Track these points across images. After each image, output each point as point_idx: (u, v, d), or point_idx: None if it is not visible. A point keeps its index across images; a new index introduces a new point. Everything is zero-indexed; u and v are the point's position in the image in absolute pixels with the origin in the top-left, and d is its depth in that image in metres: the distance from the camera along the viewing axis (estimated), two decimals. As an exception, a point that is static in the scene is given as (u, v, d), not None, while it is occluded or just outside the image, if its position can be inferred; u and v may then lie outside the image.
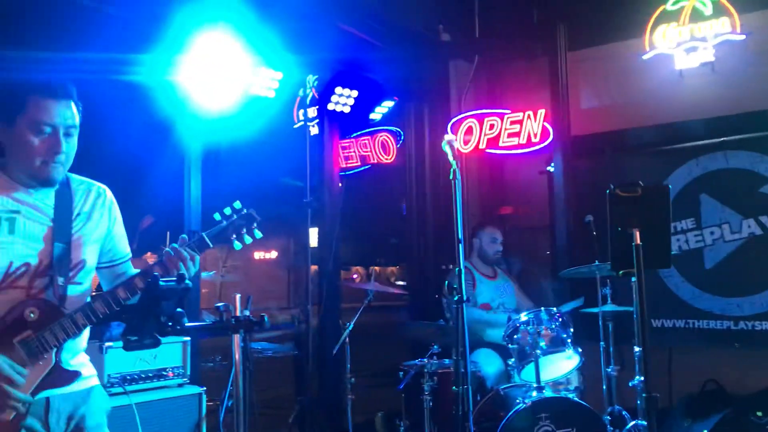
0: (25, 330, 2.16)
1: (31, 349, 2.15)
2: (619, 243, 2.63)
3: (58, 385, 2.23)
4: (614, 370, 4.85)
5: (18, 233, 2.21)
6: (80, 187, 2.40)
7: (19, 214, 2.23)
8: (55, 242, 2.24)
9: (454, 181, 3.36)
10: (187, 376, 4.05)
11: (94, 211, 2.40)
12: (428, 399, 4.48)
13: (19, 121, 2.17)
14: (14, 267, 2.19)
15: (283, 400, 6.49)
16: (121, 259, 2.51)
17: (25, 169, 2.23)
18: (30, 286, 2.21)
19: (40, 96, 2.18)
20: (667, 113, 5.94)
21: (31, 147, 2.18)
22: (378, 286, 5.25)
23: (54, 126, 2.19)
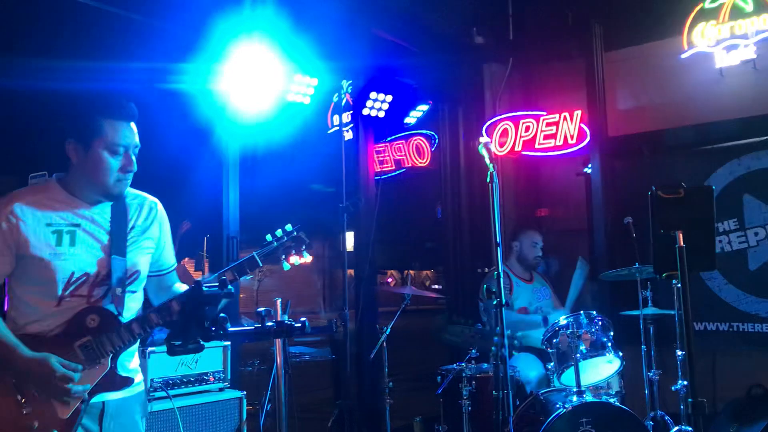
0: (86, 336, 2.29)
1: (89, 354, 2.28)
2: (661, 245, 2.59)
3: (111, 389, 2.36)
4: (656, 374, 4.77)
5: (79, 245, 2.34)
6: (134, 201, 2.53)
7: (79, 227, 2.36)
8: (112, 253, 2.38)
9: (491, 185, 3.33)
10: (228, 381, 4.10)
11: (147, 223, 2.53)
12: (467, 403, 4.46)
13: (96, 143, 2.32)
14: (75, 277, 2.31)
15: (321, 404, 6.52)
16: (168, 269, 2.64)
17: (97, 187, 2.37)
18: (90, 294, 2.34)
19: (115, 120, 2.34)
20: (707, 112, 5.84)
21: (108, 166, 2.33)
22: (414, 290, 5.24)
23: (126, 146, 2.36)
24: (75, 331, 2.29)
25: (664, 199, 2.54)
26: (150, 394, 3.71)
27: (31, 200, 2.33)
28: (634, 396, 4.90)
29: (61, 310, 2.29)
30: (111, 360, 2.33)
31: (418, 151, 7.62)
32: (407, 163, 7.77)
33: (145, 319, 2.34)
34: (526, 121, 6.46)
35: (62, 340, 2.27)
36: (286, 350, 4.16)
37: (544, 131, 6.36)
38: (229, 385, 4.12)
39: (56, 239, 2.30)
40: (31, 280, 2.30)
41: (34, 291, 2.30)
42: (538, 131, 6.38)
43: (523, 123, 6.47)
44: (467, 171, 7.15)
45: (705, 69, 5.77)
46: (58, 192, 2.38)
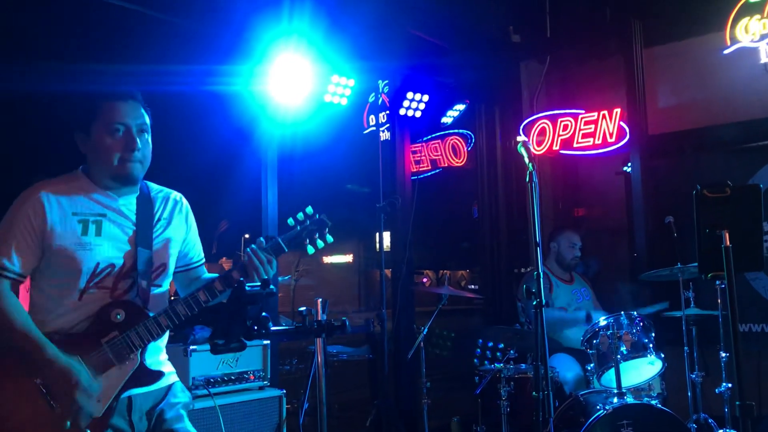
0: (112, 331, 2.26)
1: (117, 350, 2.25)
2: (706, 245, 2.54)
3: (142, 385, 2.33)
4: (699, 376, 4.68)
5: (105, 236, 2.31)
6: (159, 195, 2.51)
7: (105, 217, 2.33)
8: (138, 246, 2.34)
9: (530, 184, 3.30)
10: (268, 379, 4.14)
11: (173, 217, 2.51)
12: (505, 404, 4.43)
13: (95, 126, 2.31)
14: (100, 268, 2.29)
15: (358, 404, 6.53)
16: (196, 263, 2.63)
17: (106, 171, 2.33)
18: (114, 287, 2.31)
19: (110, 100, 2.32)
20: (751, 109, 5.71)
21: (109, 147, 2.30)
22: (452, 290, 5.23)
23: (126, 125, 2.31)
24: (101, 327, 2.26)
25: (709, 198, 2.50)
26: (192, 392, 3.77)
27: (57, 189, 2.31)
28: (676, 398, 4.81)
29: (84, 303, 2.27)
30: (140, 354, 2.30)
31: (455, 150, 7.59)
32: (443, 163, 7.75)
33: (172, 310, 2.31)
34: (564, 119, 6.39)
35: (88, 336, 2.24)
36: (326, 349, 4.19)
37: (582, 130, 6.29)
38: (269, 384, 4.16)
39: (82, 228, 2.27)
40: (55, 272, 2.27)
41: (57, 283, 2.27)
42: (577, 130, 6.31)
43: (561, 122, 6.41)
44: (504, 170, 7.12)
45: (749, 65, 5.65)
46: (84, 182, 2.37)
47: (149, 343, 2.31)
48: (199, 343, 3.84)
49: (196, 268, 2.62)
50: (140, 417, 2.33)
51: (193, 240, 2.60)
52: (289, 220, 2.47)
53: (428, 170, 7.87)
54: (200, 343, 3.84)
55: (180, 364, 3.81)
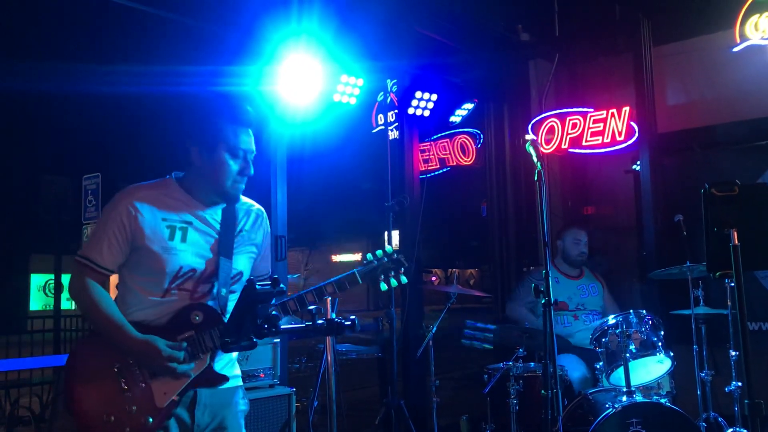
0: (189, 330, 2.40)
1: (191, 348, 2.38)
2: (715, 244, 2.54)
3: (207, 386, 2.46)
4: (708, 374, 4.67)
5: (189, 242, 2.46)
6: (242, 207, 2.65)
7: (191, 225, 2.49)
8: (219, 254, 2.49)
9: (539, 183, 3.30)
10: (278, 377, 4.17)
11: (253, 229, 2.65)
12: (514, 402, 4.44)
13: (220, 147, 2.46)
14: (183, 271, 2.43)
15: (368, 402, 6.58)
16: (264, 275, 2.75)
17: (214, 187, 2.50)
18: (194, 290, 2.45)
19: (238, 126, 2.49)
20: (761, 107, 5.69)
21: (229, 169, 2.47)
22: (460, 288, 5.24)
23: (246, 151, 2.51)
24: (179, 325, 2.40)
25: (717, 197, 2.50)
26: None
27: (150, 194, 2.47)
28: (685, 397, 4.81)
29: (165, 301, 2.41)
30: (210, 357, 2.42)
31: (463, 149, 7.60)
32: (452, 162, 7.76)
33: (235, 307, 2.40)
34: (573, 118, 6.39)
35: (166, 331, 2.39)
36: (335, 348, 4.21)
37: (591, 128, 6.28)
38: (279, 382, 4.19)
39: (169, 234, 2.43)
40: (141, 271, 2.43)
41: (142, 281, 2.43)
42: (586, 128, 6.30)
43: (569, 120, 6.40)
44: (513, 169, 7.12)
45: (758, 62, 5.63)
46: (175, 190, 2.52)
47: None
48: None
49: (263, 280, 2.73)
50: (203, 411, 2.45)
51: (265, 253, 2.75)
52: (368, 255, 2.60)
53: (437, 169, 7.88)
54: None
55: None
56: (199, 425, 2.43)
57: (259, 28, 4.43)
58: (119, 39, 4.19)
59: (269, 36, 4.46)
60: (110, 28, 4.17)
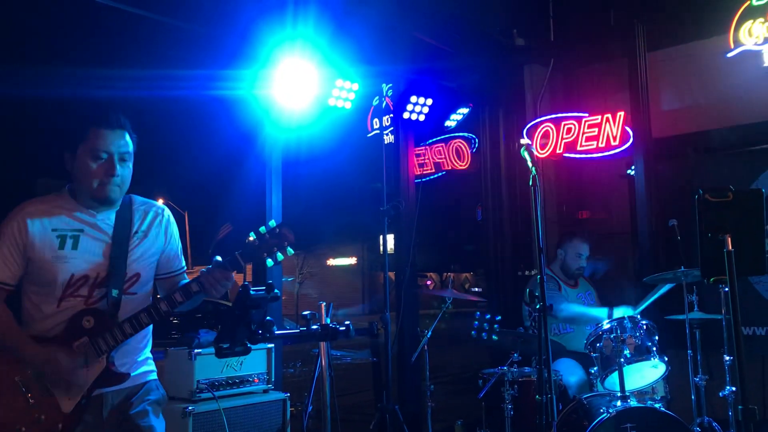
0: (83, 336, 2.46)
1: (86, 353, 2.44)
2: (709, 249, 2.55)
3: (109, 386, 2.51)
4: (702, 379, 4.67)
5: (81, 249, 2.50)
6: (140, 208, 2.68)
7: (83, 232, 2.52)
8: (112, 257, 2.53)
9: (533, 188, 3.31)
10: (272, 382, 4.16)
11: (151, 228, 2.66)
12: (509, 407, 4.44)
13: (81, 149, 2.49)
14: (75, 278, 2.48)
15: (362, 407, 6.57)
16: (176, 271, 2.77)
17: (86, 191, 2.52)
18: (89, 295, 2.50)
19: (97, 127, 2.48)
20: (755, 113, 5.71)
21: (90, 171, 2.48)
22: (455, 292, 5.24)
23: (109, 152, 2.49)
24: (73, 333, 2.45)
25: (711, 203, 2.50)
26: (196, 395, 3.79)
27: (39, 208, 2.52)
28: (679, 402, 4.81)
29: (61, 310, 2.47)
30: (106, 358, 2.47)
31: (458, 153, 7.60)
32: (447, 166, 7.76)
33: (135, 317, 2.47)
34: (568, 122, 6.41)
35: (62, 340, 2.45)
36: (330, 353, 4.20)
37: (586, 133, 6.29)
38: (273, 387, 4.17)
39: (59, 243, 2.47)
40: (35, 281, 2.50)
41: (38, 291, 2.49)
42: (580, 133, 6.32)
43: (564, 125, 6.42)
44: (508, 173, 7.12)
45: (752, 68, 5.65)
46: (66, 200, 2.56)
47: (115, 347, 2.47)
48: (203, 347, 3.87)
49: (176, 275, 2.76)
50: (110, 411, 2.51)
51: (173, 250, 2.74)
52: (250, 233, 2.52)
53: (432, 173, 7.88)
54: (205, 346, 3.87)
55: (185, 368, 3.83)
56: (108, 422, 2.49)
57: (255, 32, 4.44)
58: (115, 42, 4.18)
59: (265, 40, 4.47)
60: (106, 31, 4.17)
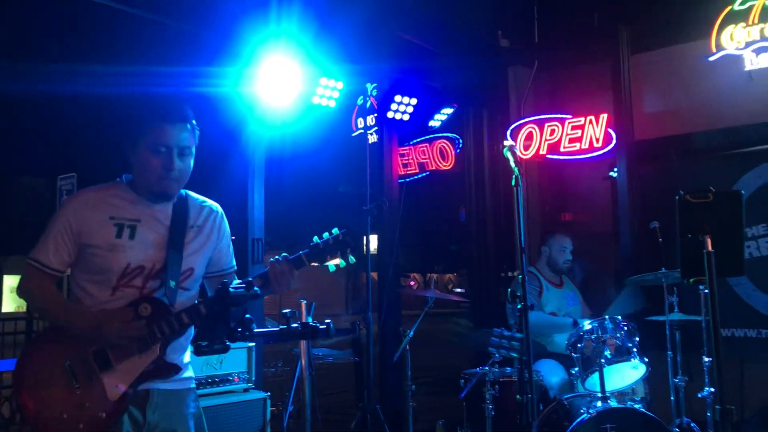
0: (139, 322, 2.40)
1: (140, 340, 2.39)
2: (688, 250, 2.56)
3: (160, 377, 2.46)
4: (682, 380, 4.70)
5: (138, 239, 2.48)
6: (196, 203, 2.67)
7: (140, 223, 2.50)
8: (168, 250, 2.51)
9: (516, 189, 3.31)
10: (252, 381, 4.13)
11: (205, 225, 2.65)
12: (490, 407, 4.44)
13: (142, 143, 2.47)
14: (131, 268, 2.45)
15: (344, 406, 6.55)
16: (227, 270, 2.75)
17: (145, 184, 2.52)
18: (143, 286, 2.47)
19: (159, 120, 2.47)
20: (736, 116, 5.77)
21: (150, 165, 2.47)
22: (438, 293, 5.23)
23: (168, 146, 2.46)
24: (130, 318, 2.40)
25: (692, 204, 2.52)
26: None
27: (96, 196, 2.51)
28: (659, 402, 4.84)
29: (116, 298, 2.43)
30: (160, 348, 2.43)
31: (442, 154, 7.62)
32: (431, 166, 7.78)
33: (194, 308, 2.43)
34: (552, 124, 6.43)
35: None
36: (310, 352, 4.19)
37: (569, 135, 6.32)
38: (254, 386, 4.15)
39: (117, 232, 2.45)
40: (89, 270, 2.46)
41: (92, 279, 2.46)
42: (564, 135, 6.35)
43: (548, 126, 6.44)
44: (492, 174, 7.14)
45: (734, 72, 5.70)
46: (124, 190, 2.55)
47: (170, 337, 2.44)
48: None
49: (227, 274, 2.74)
50: (155, 411, 2.46)
51: (224, 248, 2.73)
52: (315, 237, 2.59)
53: (416, 173, 7.89)
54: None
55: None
56: (150, 424, 2.45)
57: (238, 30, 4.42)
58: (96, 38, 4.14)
59: (248, 38, 4.44)
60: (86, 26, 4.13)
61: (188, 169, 2.55)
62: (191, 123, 2.53)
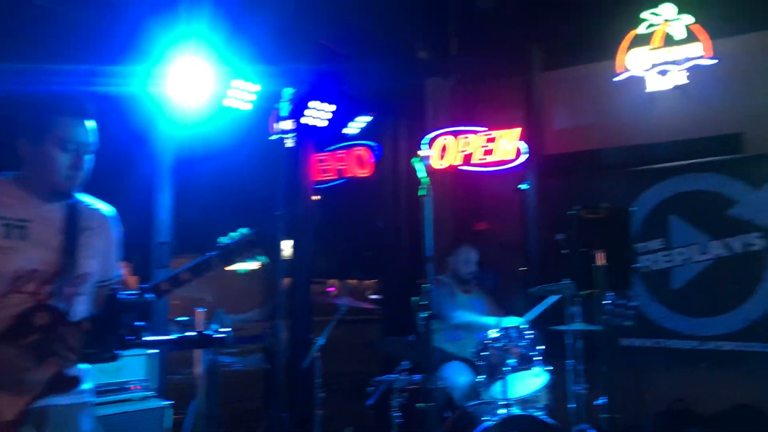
0: (34, 333, 2.22)
1: (37, 353, 2.22)
2: (582, 263, 2.65)
3: (59, 391, 2.29)
4: (583, 388, 4.85)
5: (29, 240, 2.31)
6: (88, 206, 2.51)
7: (31, 222, 2.33)
8: (62, 252, 2.35)
9: (424, 198, 3.35)
10: (153, 389, 3.99)
11: (99, 228, 2.51)
12: (397, 415, 4.46)
13: (47, 139, 2.33)
14: (23, 272, 2.28)
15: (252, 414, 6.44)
16: (111, 279, 2.59)
17: (46, 182, 2.36)
18: (37, 291, 2.29)
19: (68, 116, 2.35)
20: (638, 134, 6.04)
21: (57, 162, 2.33)
22: (350, 300, 5.23)
23: (78, 143, 2.36)
24: (23, 329, 2.22)
25: (586, 219, 2.61)
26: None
27: None
28: (561, 409, 4.97)
29: (6, 306, 2.24)
30: (61, 360, 2.26)
31: (360, 161, 7.63)
32: (349, 173, 7.77)
33: (96, 317, 2.30)
34: (466, 136, 6.55)
35: (9, 338, 2.21)
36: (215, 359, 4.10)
37: (483, 147, 6.46)
38: (155, 394, 4.01)
39: (5, 232, 2.27)
40: None
41: None
42: (477, 147, 6.47)
43: (462, 138, 6.56)
44: (408, 183, 7.19)
45: (637, 92, 5.97)
46: (13, 188, 2.37)
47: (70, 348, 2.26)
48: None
49: (110, 285, 2.55)
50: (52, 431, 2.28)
51: (113, 254, 2.60)
52: (221, 238, 2.51)
53: (334, 179, 7.87)
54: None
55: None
56: None
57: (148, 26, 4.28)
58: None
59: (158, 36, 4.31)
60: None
61: (91, 167, 2.44)
62: (95, 119, 2.42)
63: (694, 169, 5.68)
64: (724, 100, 5.76)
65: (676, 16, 5.80)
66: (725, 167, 5.55)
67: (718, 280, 5.48)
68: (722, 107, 5.76)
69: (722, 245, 5.49)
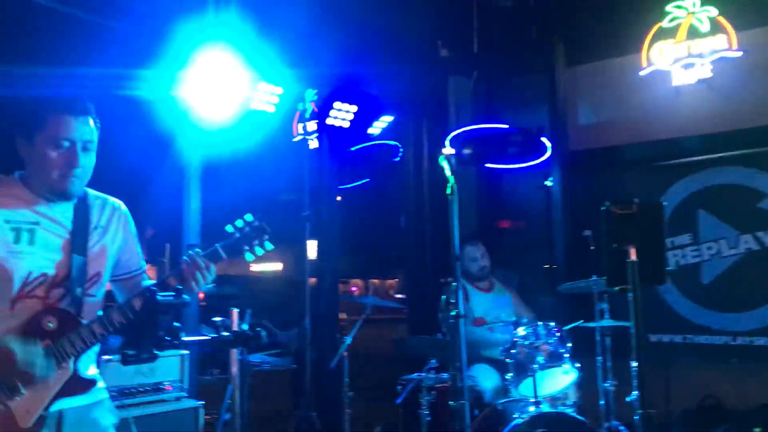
0: (44, 339, 2.18)
1: (52, 357, 2.18)
2: (614, 259, 2.65)
3: (75, 393, 2.26)
4: (612, 385, 4.82)
5: (37, 244, 2.25)
6: (96, 202, 2.45)
7: (39, 225, 2.27)
8: (72, 254, 2.29)
9: (451, 197, 3.36)
10: (186, 390, 4.05)
11: (110, 224, 2.44)
12: (426, 413, 4.47)
13: (39, 137, 2.24)
14: (32, 277, 2.22)
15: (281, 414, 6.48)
16: (136, 271, 2.55)
17: (44, 182, 2.28)
18: (47, 295, 2.25)
19: (59, 113, 2.25)
20: (664, 129, 5.98)
21: (50, 161, 2.24)
22: (376, 299, 5.25)
23: (72, 140, 2.26)
24: (32, 335, 2.17)
25: (617, 215, 2.60)
26: (105, 403, 3.65)
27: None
28: (591, 406, 4.95)
29: (16, 312, 2.19)
30: (73, 363, 2.23)
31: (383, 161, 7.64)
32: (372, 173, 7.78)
33: (106, 318, 2.24)
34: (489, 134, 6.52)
35: (23, 343, 2.15)
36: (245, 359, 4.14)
37: (506, 144, 6.43)
38: (187, 395, 4.07)
39: (14, 237, 2.21)
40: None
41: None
42: (501, 144, 6.45)
43: (486, 136, 6.53)
44: (431, 181, 7.20)
45: (662, 86, 5.92)
46: (18, 189, 2.30)
47: (83, 352, 2.23)
48: (111, 353, 3.72)
49: (136, 276, 2.54)
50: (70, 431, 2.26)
51: (131, 248, 2.53)
52: (227, 227, 2.43)
53: (358, 180, 7.89)
54: (113, 352, 3.72)
55: (93, 375, 3.69)
56: None
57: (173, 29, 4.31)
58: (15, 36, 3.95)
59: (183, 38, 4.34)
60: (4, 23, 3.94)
61: (92, 165, 2.34)
62: (93, 117, 2.32)
63: (722, 162, 5.63)
64: (750, 92, 5.69)
65: (701, 9, 5.75)
66: (753, 160, 5.50)
67: (749, 275, 5.43)
68: (748, 100, 5.69)
69: (752, 239, 5.43)
